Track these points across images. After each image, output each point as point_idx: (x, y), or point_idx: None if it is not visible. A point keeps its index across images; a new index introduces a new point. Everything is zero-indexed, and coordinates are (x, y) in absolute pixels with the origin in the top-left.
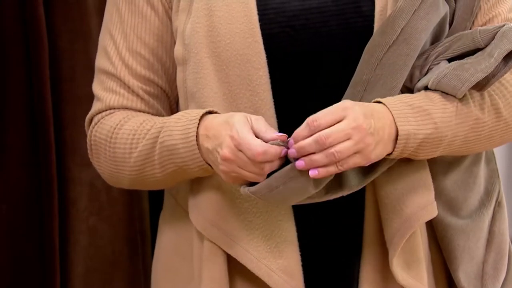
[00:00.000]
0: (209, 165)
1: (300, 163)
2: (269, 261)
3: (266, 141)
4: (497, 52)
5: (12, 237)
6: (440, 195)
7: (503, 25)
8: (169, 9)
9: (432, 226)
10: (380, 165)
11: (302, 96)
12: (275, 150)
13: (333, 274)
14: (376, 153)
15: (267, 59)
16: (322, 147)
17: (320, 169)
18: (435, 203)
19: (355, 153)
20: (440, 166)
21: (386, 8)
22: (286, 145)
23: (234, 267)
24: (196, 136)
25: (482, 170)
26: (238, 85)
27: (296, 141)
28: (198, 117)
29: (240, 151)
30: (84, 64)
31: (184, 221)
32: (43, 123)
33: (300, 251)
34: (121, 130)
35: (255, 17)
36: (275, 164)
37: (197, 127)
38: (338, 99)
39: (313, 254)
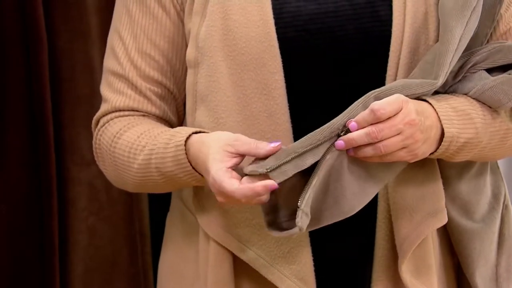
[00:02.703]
0: None
1: (350, 153)
2: (282, 266)
3: (264, 157)
4: None
5: (11, 237)
6: (455, 199)
7: None
8: (181, 11)
9: (444, 231)
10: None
11: (318, 100)
12: (264, 187)
13: (345, 279)
14: (423, 150)
15: (282, 63)
16: (373, 141)
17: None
18: (445, 210)
19: (402, 148)
20: (455, 170)
21: (403, 13)
22: (265, 170)
23: (240, 271)
24: (189, 161)
25: (488, 174)
26: (253, 89)
27: (359, 125)
28: (183, 143)
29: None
30: (84, 64)
31: (191, 224)
32: (42, 123)
33: (313, 256)
34: (119, 140)
35: (271, 21)
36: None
37: (186, 153)
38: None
39: (325, 260)
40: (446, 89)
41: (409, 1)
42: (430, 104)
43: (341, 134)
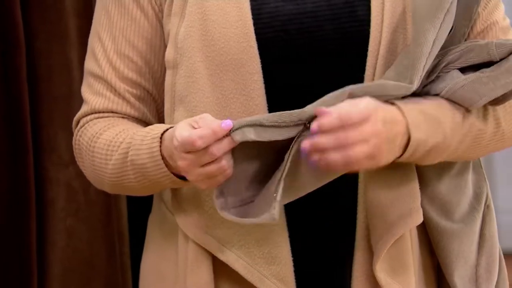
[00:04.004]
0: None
1: (314, 160)
2: (261, 267)
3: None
4: None
5: None
6: (434, 200)
7: None
8: (160, 13)
9: (424, 231)
10: None
11: (297, 100)
12: (208, 130)
13: (325, 279)
14: (387, 159)
15: (261, 63)
16: (340, 146)
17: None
18: (420, 210)
19: (367, 157)
20: (434, 170)
21: (382, 13)
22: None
23: (220, 272)
24: (162, 154)
25: (470, 174)
26: (232, 90)
27: (322, 130)
28: (159, 135)
29: (188, 152)
30: (62, 64)
31: (172, 225)
32: (20, 123)
33: (292, 257)
34: (99, 140)
35: (250, 22)
36: (224, 145)
37: (160, 145)
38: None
39: (306, 260)
40: (420, 89)
41: (387, 1)
42: (399, 107)
43: (308, 124)
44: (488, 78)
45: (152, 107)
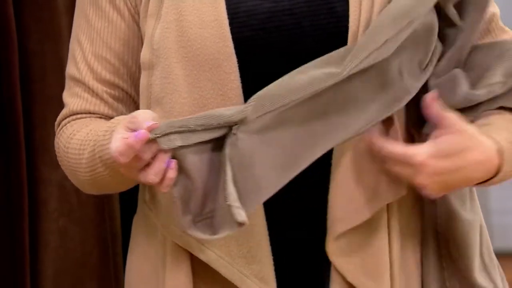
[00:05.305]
0: None
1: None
2: (242, 266)
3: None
4: None
5: None
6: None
7: None
8: (136, 14)
9: (406, 229)
10: None
11: None
12: (124, 146)
13: (306, 278)
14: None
15: (238, 63)
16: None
17: None
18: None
19: None
20: None
21: (359, 8)
22: (154, 136)
23: (199, 273)
24: None
25: None
26: (209, 90)
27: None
28: None
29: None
30: (54, 64)
31: (154, 226)
32: (13, 123)
33: (273, 256)
34: (72, 140)
35: (225, 21)
36: (152, 149)
37: None
38: None
39: (286, 259)
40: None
41: None
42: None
43: (233, 126)
44: None
45: (132, 107)
